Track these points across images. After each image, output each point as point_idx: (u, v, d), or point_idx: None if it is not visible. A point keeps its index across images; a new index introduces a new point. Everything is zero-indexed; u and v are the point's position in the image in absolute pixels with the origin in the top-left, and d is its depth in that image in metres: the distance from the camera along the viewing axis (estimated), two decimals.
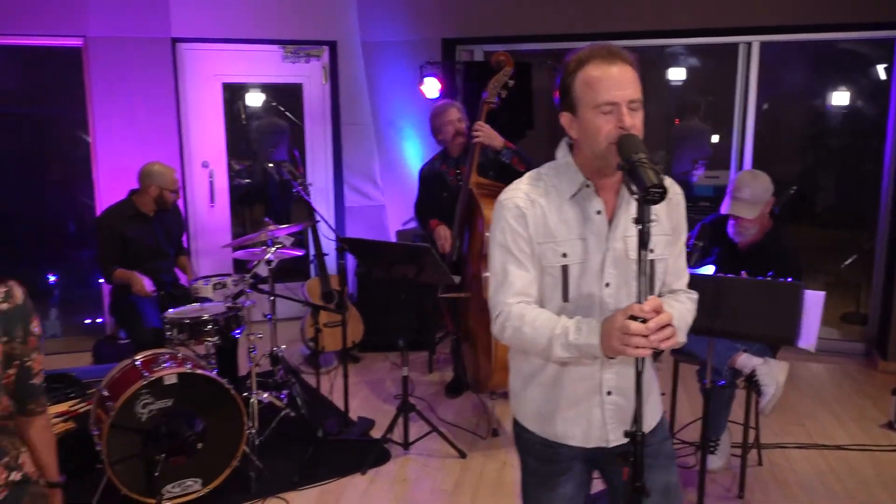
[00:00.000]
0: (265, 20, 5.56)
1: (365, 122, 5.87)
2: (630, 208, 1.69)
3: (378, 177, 5.98)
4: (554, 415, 1.81)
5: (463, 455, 3.71)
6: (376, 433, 3.92)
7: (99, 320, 5.78)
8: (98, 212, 5.12)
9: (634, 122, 1.63)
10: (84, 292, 6.17)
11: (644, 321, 1.48)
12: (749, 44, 5.20)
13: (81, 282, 6.33)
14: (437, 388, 4.65)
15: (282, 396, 4.05)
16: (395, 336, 4.96)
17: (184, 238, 4.56)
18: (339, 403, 4.19)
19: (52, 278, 6.56)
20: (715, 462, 3.37)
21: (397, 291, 4.96)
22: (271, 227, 3.79)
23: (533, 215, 1.73)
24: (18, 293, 1.63)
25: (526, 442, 1.89)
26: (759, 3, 5.00)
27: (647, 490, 1.53)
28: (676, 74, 7.97)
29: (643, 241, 1.51)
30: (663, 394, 2.07)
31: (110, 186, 5.15)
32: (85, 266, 6.28)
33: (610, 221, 1.72)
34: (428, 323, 4.90)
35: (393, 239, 5.75)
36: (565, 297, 1.73)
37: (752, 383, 3.02)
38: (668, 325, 1.51)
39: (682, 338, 1.72)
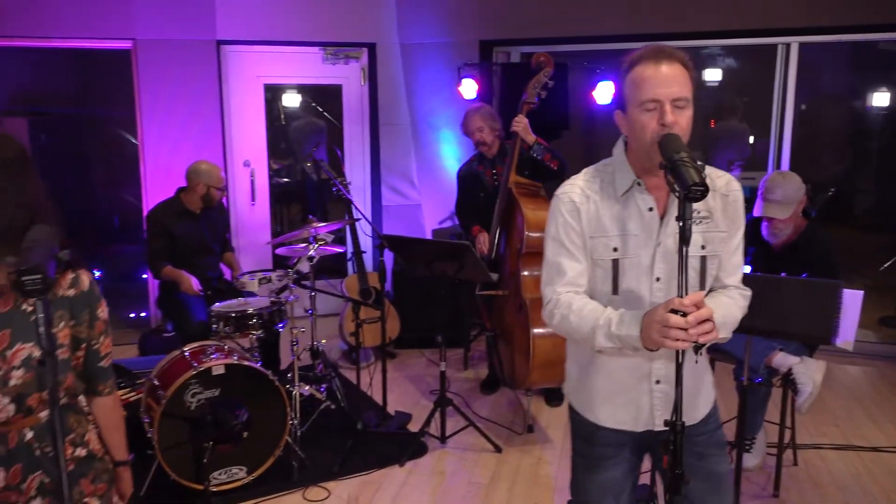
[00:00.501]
0: (306, 23, 5.68)
1: (402, 123, 5.97)
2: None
3: (415, 176, 6.07)
4: (605, 401, 1.89)
5: (499, 449, 3.78)
6: (413, 427, 4.01)
7: (143, 314, 5.95)
8: (145, 209, 5.29)
9: (677, 119, 1.68)
10: (129, 287, 6.36)
11: (684, 315, 1.54)
12: (788, 45, 5.19)
13: (127, 276, 6.52)
14: (472, 384, 4.72)
15: (321, 389, 4.16)
16: (430, 333, 5.07)
17: (228, 235, 4.69)
18: (377, 398, 4.28)
19: (97, 273, 6.77)
20: (750, 461, 3.39)
21: (433, 289, 5.04)
22: (315, 224, 3.89)
23: (587, 210, 1.81)
24: (85, 280, 1.70)
25: (578, 425, 1.97)
26: (798, 4, 4.99)
27: (687, 478, 1.58)
28: (713, 75, 7.95)
29: (684, 237, 1.56)
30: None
31: (156, 184, 5.32)
32: (130, 261, 6.48)
33: (662, 218, 1.78)
34: (463, 320, 4.97)
35: (429, 238, 5.83)
36: (615, 290, 1.81)
37: (789, 382, 3.04)
38: (708, 319, 1.56)
39: (725, 333, 1.77)
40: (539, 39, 5.59)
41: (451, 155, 5.89)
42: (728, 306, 1.81)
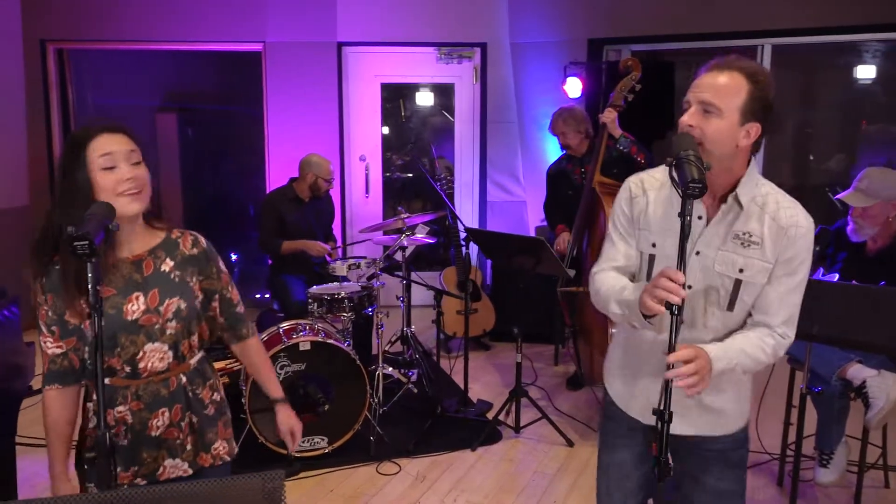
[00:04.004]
0: (422, 24, 5.94)
1: (510, 121, 6.09)
2: (731, 220, 1.76)
3: (521, 173, 6.17)
4: (623, 382, 1.96)
5: (570, 443, 3.83)
6: (492, 415, 4.13)
7: (267, 295, 6.45)
8: None
9: (698, 123, 1.72)
10: (258, 269, 6.92)
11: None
12: None
13: (257, 260, 7.10)
14: (559, 379, 4.77)
15: (410, 374, 4.38)
16: (525, 327, 5.14)
17: (333, 226, 5.02)
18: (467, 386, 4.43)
19: (233, 256, 7.40)
20: (827, 476, 3.23)
21: (530, 284, 5.13)
22: (404, 216, 4.12)
23: (639, 202, 1.89)
24: (202, 241, 1.96)
25: (605, 403, 2.06)
26: None
27: (670, 468, 1.62)
28: (866, 72, 7.40)
29: (684, 233, 1.61)
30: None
31: (279, 175, 5.76)
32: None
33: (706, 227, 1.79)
34: (555, 316, 5.02)
35: (533, 234, 5.91)
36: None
37: (861, 395, 2.89)
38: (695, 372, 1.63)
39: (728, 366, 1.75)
40: (650, 37, 5.53)
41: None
42: (742, 350, 1.76)
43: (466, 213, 6.31)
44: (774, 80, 1.75)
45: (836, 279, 3.17)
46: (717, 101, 1.70)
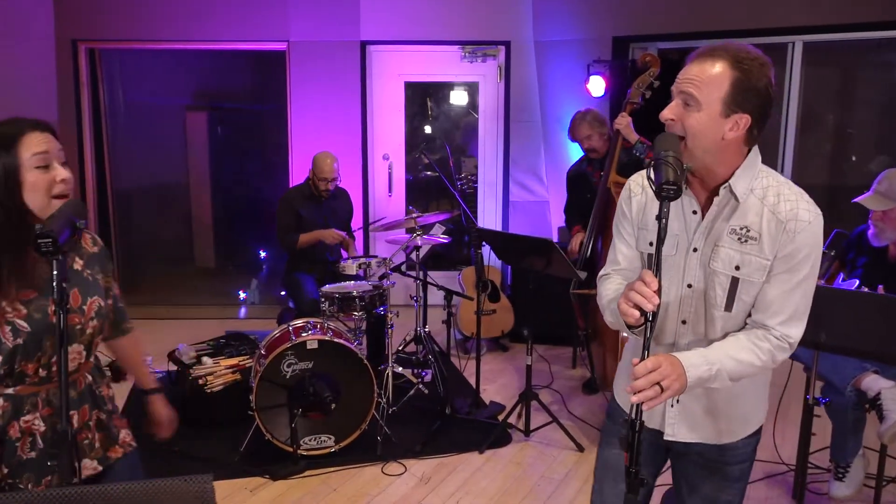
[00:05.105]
0: (446, 22, 5.91)
1: (534, 120, 6.02)
2: (728, 214, 1.68)
3: (544, 173, 6.09)
4: (624, 385, 1.88)
5: (580, 448, 3.76)
6: (502, 418, 4.08)
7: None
8: None
9: (675, 114, 1.66)
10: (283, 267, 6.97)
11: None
12: None
13: (283, 258, 7.15)
14: (576, 382, 4.70)
15: (424, 374, 4.36)
16: (545, 329, 5.08)
17: (352, 223, 5.03)
18: (481, 386, 4.38)
19: (262, 254, 7.48)
20: (842, 490, 3.11)
21: (548, 285, 5.06)
22: (415, 215, 4.10)
23: (638, 200, 1.83)
24: (99, 239, 1.95)
25: (611, 397, 2.03)
26: None
27: (641, 478, 1.56)
28: None
29: (660, 236, 1.56)
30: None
31: (302, 173, 5.79)
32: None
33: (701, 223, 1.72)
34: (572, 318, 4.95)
35: (555, 235, 5.84)
36: None
37: (876, 407, 2.77)
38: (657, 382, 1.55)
39: (719, 384, 1.67)
40: (676, 35, 5.40)
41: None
42: (727, 354, 1.67)
43: (490, 213, 6.26)
44: (779, 70, 1.71)
45: (856, 285, 3.05)
46: (697, 92, 1.61)
